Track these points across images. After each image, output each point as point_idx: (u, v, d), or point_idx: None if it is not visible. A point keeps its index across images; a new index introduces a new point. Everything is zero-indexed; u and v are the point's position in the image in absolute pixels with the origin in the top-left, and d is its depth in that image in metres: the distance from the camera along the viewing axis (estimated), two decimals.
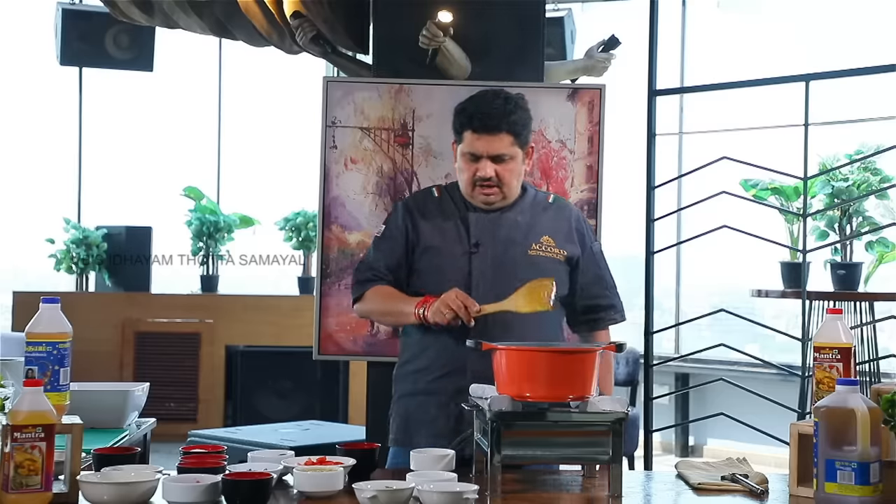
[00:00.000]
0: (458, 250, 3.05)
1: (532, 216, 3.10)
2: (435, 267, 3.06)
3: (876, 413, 2.39)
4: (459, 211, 3.09)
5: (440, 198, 3.15)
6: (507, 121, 2.99)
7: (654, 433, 5.07)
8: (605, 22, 8.32)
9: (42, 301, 2.58)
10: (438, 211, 3.12)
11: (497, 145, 3.00)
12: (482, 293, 2.99)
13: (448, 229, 3.08)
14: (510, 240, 3.06)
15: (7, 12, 9.21)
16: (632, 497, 2.55)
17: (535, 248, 3.06)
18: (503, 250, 3.05)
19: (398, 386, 3.17)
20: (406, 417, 3.11)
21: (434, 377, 3.04)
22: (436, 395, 3.04)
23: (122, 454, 2.61)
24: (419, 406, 3.07)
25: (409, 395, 3.11)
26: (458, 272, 3.03)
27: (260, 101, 9.67)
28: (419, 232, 3.09)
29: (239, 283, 8.94)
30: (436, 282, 3.04)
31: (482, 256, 3.04)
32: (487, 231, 3.06)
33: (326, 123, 4.49)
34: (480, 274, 3.02)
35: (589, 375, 2.58)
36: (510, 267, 3.03)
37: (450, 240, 3.07)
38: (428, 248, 3.08)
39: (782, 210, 5.41)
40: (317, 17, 5.05)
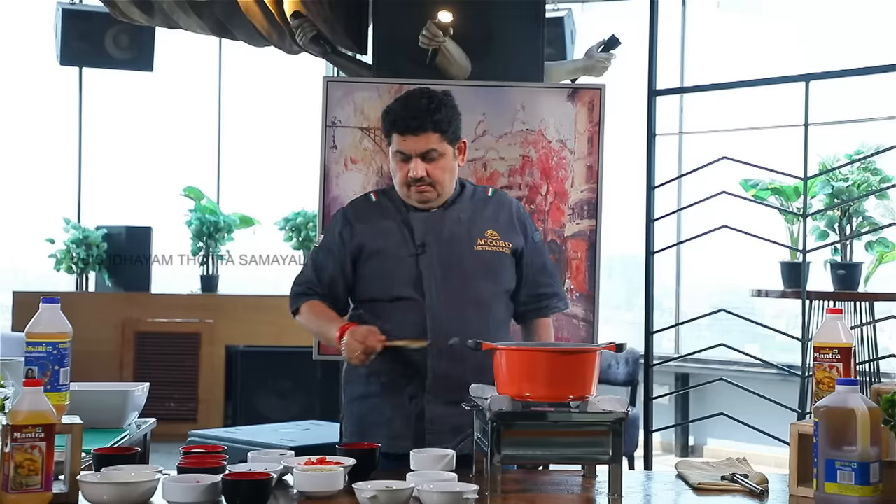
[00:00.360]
0: (404, 252, 3.03)
1: (474, 211, 3.09)
2: (382, 271, 3.05)
3: (876, 413, 2.39)
4: (400, 213, 3.08)
5: (378, 202, 3.13)
6: (432, 119, 2.99)
7: (654, 433, 5.07)
8: (605, 22, 8.32)
9: (42, 301, 2.58)
10: (378, 215, 3.10)
11: (424, 144, 2.99)
12: (434, 294, 2.99)
13: (391, 232, 3.06)
14: (455, 237, 3.05)
15: (7, 12, 9.21)
16: (632, 497, 2.55)
17: (480, 244, 3.05)
18: (449, 249, 3.03)
19: (350, 388, 3.14)
20: (360, 420, 3.09)
21: (389, 378, 3.02)
22: (391, 396, 3.02)
23: (122, 454, 2.61)
24: (373, 408, 3.05)
25: (361, 397, 3.09)
26: (406, 274, 3.02)
27: (260, 101, 9.67)
28: (360, 238, 3.07)
29: (239, 283, 8.94)
30: (385, 286, 3.04)
31: (429, 257, 3.02)
32: (431, 231, 3.05)
33: (326, 123, 4.49)
34: (430, 274, 3.01)
35: (589, 375, 2.58)
36: (458, 265, 3.02)
37: (394, 243, 3.05)
38: (373, 254, 3.06)
39: (782, 210, 5.41)
40: (317, 17, 5.05)
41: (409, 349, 2.92)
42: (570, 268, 4.49)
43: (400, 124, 3.00)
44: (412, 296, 3.00)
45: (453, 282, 3.00)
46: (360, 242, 3.07)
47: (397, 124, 3.01)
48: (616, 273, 8.73)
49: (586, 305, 4.44)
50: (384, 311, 3.04)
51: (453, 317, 2.98)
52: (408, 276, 3.01)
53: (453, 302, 3.00)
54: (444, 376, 2.95)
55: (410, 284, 3.00)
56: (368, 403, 3.07)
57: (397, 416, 3.01)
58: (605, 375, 6.87)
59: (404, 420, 3.00)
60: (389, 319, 3.02)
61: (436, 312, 2.99)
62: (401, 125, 3.00)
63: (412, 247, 3.03)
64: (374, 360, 2.98)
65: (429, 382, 2.97)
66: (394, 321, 3.01)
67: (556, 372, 2.56)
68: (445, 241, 3.04)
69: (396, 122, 3.01)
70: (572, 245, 4.50)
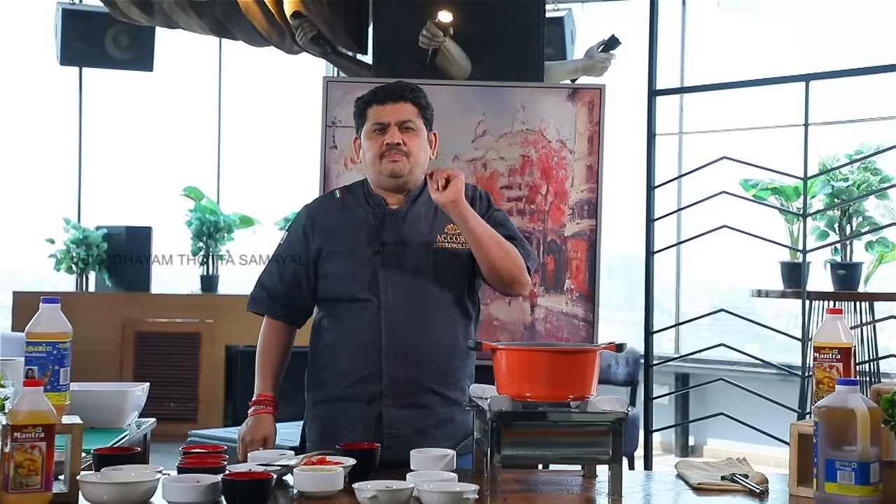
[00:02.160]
0: (363, 252, 3.00)
1: (435, 208, 3.04)
2: (341, 271, 3.02)
3: (876, 413, 2.39)
4: (363, 212, 3.06)
5: (342, 199, 3.11)
6: (411, 94, 3.04)
7: (654, 433, 5.07)
8: (605, 22, 8.33)
9: (42, 301, 2.58)
10: (341, 213, 3.08)
11: (402, 111, 3.01)
12: (390, 295, 2.96)
13: (352, 232, 3.04)
14: (415, 235, 3.02)
15: (7, 12, 9.21)
16: (632, 497, 2.55)
17: (440, 241, 3.02)
18: (408, 248, 3.00)
19: (313, 392, 3.12)
20: (324, 424, 3.06)
21: (351, 382, 2.99)
22: (354, 400, 2.99)
23: (122, 454, 2.61)
24: (337, 412, 3.02)
25: (325, 401, 3.06)
26: (363, 275, 2.98)
27: (260, 101, 9.67)
28: (322, 237, 3.05)
29: (239, 283, 8.93)
30: (343, 287, 3.01)
31: (387, 256, 2.99)
32: (392, 229, 3.02)
33: (326, 123, 4.49)
34: (386, 275, 2.98)
35: (589, 375, 2.58)
36: (416, 265, 2.99)
37: (354, 242, 3.02)
38: (332, 253, 3.03)
39: (782, 210, 5.42)
40: (317, 17, 5.06)
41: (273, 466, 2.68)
42: (570, 268, 4.49)
43: (380, 94, 3.03)
44: (368, 297, 2.97)
45: (410, 283, 2.97)
46: (321, 241, 3.05)
47: (377, 95, 3.03)
48: (616, 273, 8.74)
49: (586, 305, 4.44)
50: (341, 312, 3.02)
51: (410, 318, 2.95)
52: (365, 276, 2.98)
53: (410, 303, 2.97)
54: (400, 380, 2.92)
55: (366, 285, 2.98)
56: (333, 407, 3.04)
57: (358, 419, 2.98)
58: (605, 375, 6.87)
59: (364, 424, 2.97)
60: (346, 320, 3.00)
61: (391, 314, 2.96)
62: (381, 95, 3.03)
63: (371, 246, 3.00)
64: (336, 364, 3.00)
65: (384, 386, 2.95)
66: (350, 322, 2.99)
67: (556, 372, 2.56)
68: (404, 240, 3.01)
69: (377, 94, 3.04)
70: (572, 245, 4.50)
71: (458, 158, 4.48)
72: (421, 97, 3.06)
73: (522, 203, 4.51)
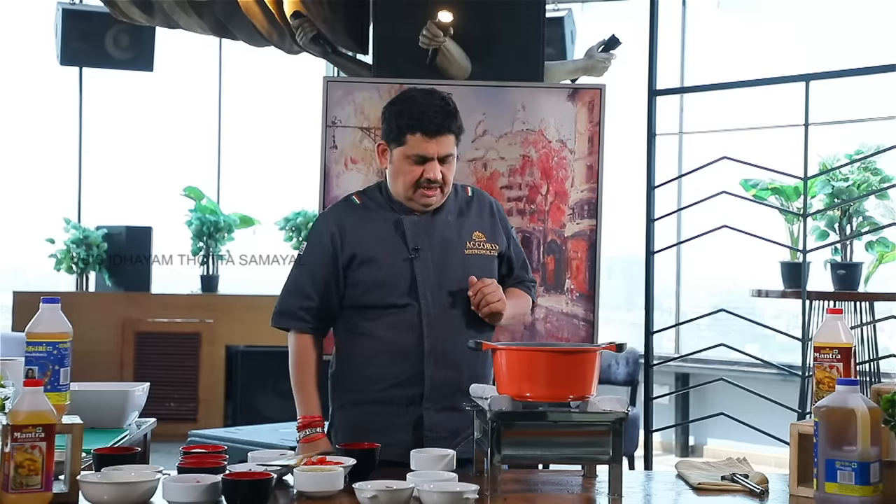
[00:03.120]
0: (399, 258, 2.98)
1: (459, 214, 3.06)
2: (377, 278, 2.99)
3: (876, 413, 2.39)
4: (390, 216, 3.03)
5: (363, 205, 3.07)
6: (455, 122, 2.97)
7: (654, 433, 5.07)
8: (605, 22, 8.32)
9: (42, 301, 2.58)
10: (366, 219, 3.04)
11: (446, 146, 2.96)
12: (430, 299, 2.96)
13: (384, 238, 3.01)
14: (446, 240, 3.02)
15: (7, 12, 9.21)
16: (632, 497, 2.55)
17: (469, 247, 3.03)
18: (442, 253, 3.00)
19: (340, 395, 3.08)
20: (352, 428, 3.02)
21: (387, 385, 2.97)
22: (391, 403, 2.97)
23: (122, 454, 2.61)
24: (368, 415, 2.99)
25: (354, 404, 3.04)
26: (401, 280, 2.97)
27: (260, 101, 9.67)
28: (351, 245, 3.01)
29: (239, 283, 8.94)
30: (379, 293, 2.98)
31: (423, 261, 2.98)
32: (423, 234, 3.01)
33: (326, 123, 4.49)
34: (425, 280, 2.97)
35: (589, 375, 2.58)
36: (450, 269, 2.99)
37: (388, 248, 2.99)
38: (366, 261, 2.99)
39: (782, 210, 5.41)
40: (317, 17, 5.06)
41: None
42: (570, 268, 4.50)
43: (429, 125, 2.93)
44: (408, 301, 2.96)
45: (447, 286, 2.98)
46: (352, 249, 3.00)
47: (425, 124, 2.93)
48: (616, 273, 8.74)
49: (586, 305, 4.45)
50: (377, 317, 2.99)
51: (449, 322, 2.96)
52: (403, 281, 2.97)
53: (448, 306, 2.98)
54: (441, 384, 2.92)
55: (405, 290, 2.97)
56: (361, 410, 3.01)
57: (395, 423, 2.96)
58: (605, 375, 6.87)
59: (402, 427, 2.95)
60: (382, 324, 2.99)
61: (432, 318, 2.96)
62: (430, 127, 2.93)
63: (406, 251, 2.99)
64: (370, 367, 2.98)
65: (427, 390, 2.95)
66: (387, 326, 2.98)
67: (556, 372, 2.56)
68: (437, 244, 3.01)
69: (424, 122, 2.93)
70: (572, 245, 4.50)
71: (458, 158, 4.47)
72: (459, 122, 3.00)
73: (522, 203, 4.51)
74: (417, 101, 2.96)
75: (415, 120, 2.94)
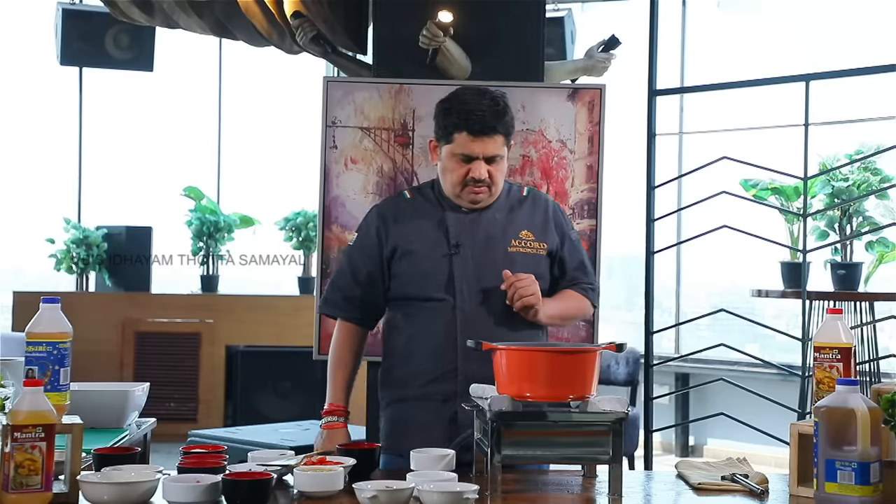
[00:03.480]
0: (438, 253, 3.01)
1: (509, 212, 3.07)
2: (416, 272, 3.02)
3: (876, 413, 2.39)
4: (436, 212, 3.06)
5: (413, 199, 3.11)
6: (502, 122, 2.97)
7: (654, 433, 5.07)
8: (605, 22, 8.33)
9: (42, 301, 2.58)
10: (413, 214, 3.08)
11: (492, 147, 2.97)
12: (466, 295, 2.98)
13: (426, 232, 3.04)
14: (490, 238, 3.03)
15: (7, 12, 9.21)
16: (632, 497, 2.55)
17: (514, 245, 3.03)
18: (483, 250, 3.01)
19: (386, 392, 3.12)
20: (395, 424, 3.07)
21: (424, 381, 3.00)
22: (427, 400, 2.99)
23: (122, 454, 2.61)
24: (410, 412, 3.03)
25: (398, 401, 3.07)
26: (439, 275, 2.99)
27: (260, 101, 9.67)
28: (394, 237, 3.05)
29: (239, 283, 8.94)
30: (417, 286, 3.02)
31: (463, 257, 3.00)
32: (467, 231, 3.03)
33: (326, 123, 4.49)
34: (462, 275, 2.99)
35: (589, 375, 2.58)
36: (491, 266, 2.99)
37: (429, 243, 3.02)
38: (406, 253, 3.03)
39: (782, 210, 5.42)
40: (317, 17, 5.05)
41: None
42: None
43: (474, 125, 2.94)
44: (444, 296, 2.98)
45: (486, 283, 2.98)
46: (394, 242, 3.04)
47: (470, 124, 2.94)
48: (616, 273, 8.73)
49: None
50: (415, 311, 3.03)
51: (484, 318, 2.96)
52: (441, 276, 2.99)
53: (485, 303, 2.98)
54: (475, 379, 2.90)
55: (443, 285, 2.99)
56: (405, 407, 3.04)
57: (433, 419, 2.98)
58: (605, 375, 6.87)
59: (440, 423, 2.97)
60: (421, 319, 3.02)
61: (467, 314, 2.97)
62: (475, 126, 2.94)
63: (446, 247, 3.01)
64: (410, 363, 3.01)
65: (459, 385, 2.95)
66: (425, 321, 3.01)
67: (556, 372, 2.56)
68: (480, 241, 3.02)
69: (469, 122, 2.94)
70: None
71: None
72: (509, 122, 2.99)
73: None
74: (466, 101, 2.98)
75: (462, 119, 2.96)
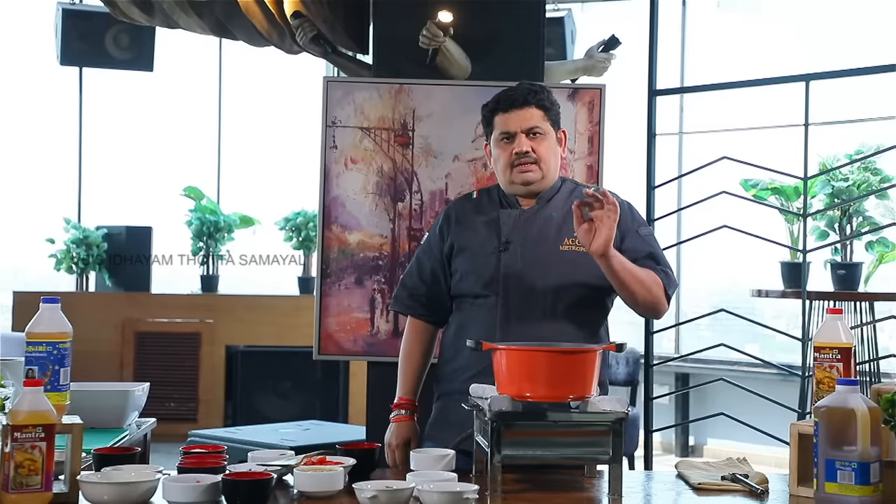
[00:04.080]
0: (488, 249, 3.03)
1: (568, 211, 3.00)
2: (467, 268, 3.05)
3: (876, 413, 2.39)
4: (495, 211, 3.08)
5: (478, 199, 3.15)
6: (535, 97, 3.02)
7: (654, 433, 5.07)
8: (605, 22, 8.33)
9: (42, 301, 2.58)
10: (474, 212, 3.12)
11: (528, 118, 3.00)
12: (510, 292, 2.97)
13: (480, 229, 3.07)
14: (542, 236, 3.01)
15: (7, 12, 9.21)
16: (632, 497, 2.55)
17: (567, 244, 3.00)
18: (534, 247, 3.00)
19: (438, 385, 3.16)
20: (440, 416, 3.10)
21: (468, 376, 2.98)
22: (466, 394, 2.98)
23: (122, 454, 2.61)
24: (451, 406, 3.03)
25: (447, 393, 3.09)
26: (486, 272, 3.00)
27: (260, 101, 9.67)
28: (454, 236, 3.10)
29: (239, 283, 8.94)
30: (468, 283, 3.04)
31: (511, 255, 3.00)
32: (519, 229, 3.03)
33: (326, 123, 4.49)
34: (508, 272, 2.98)
35: (589, 375, 2.57)
36: (540, 264, 2.98)
37: (480, 239, 3.05)
38: (461, 250, 3.07)
39: (782, 210, 5.42)
40: (317, 17, 5.05)
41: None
42: None
43: (504, 102, 3.02)
44: (489, 293, 3.00)
45: (533, 280, 2.97)
46: (453, 240, 3.09)
47: (501, 103, 3.03)
48: None
49: None
50: (465, 307, 3.07)
51: (526, 315, 2.95)
52: (487, 272, 3.01)
53: (528, 301, 2.96)
54: None
55: (488, 281, 3.00)
56: (449, 400, 3.06)
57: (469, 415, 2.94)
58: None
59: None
60: (468, 315, 3.04)
61: (509, 310, 2.96)
62: (505, 103, 3.02)
63: (496, 243, 3.02)
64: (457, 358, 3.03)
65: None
66: (470, 317, 3.03)
67: (556, 372, 2.56)
68: (532, 239, 3.01)
69: (500, 102, 3.03)
70: None
71: (458, 158, 4.48)
72: (545, 99, 3.04)
73: None
74: (501, 91, 3.09)
75: (495, 102, 3.06)
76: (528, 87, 3.06)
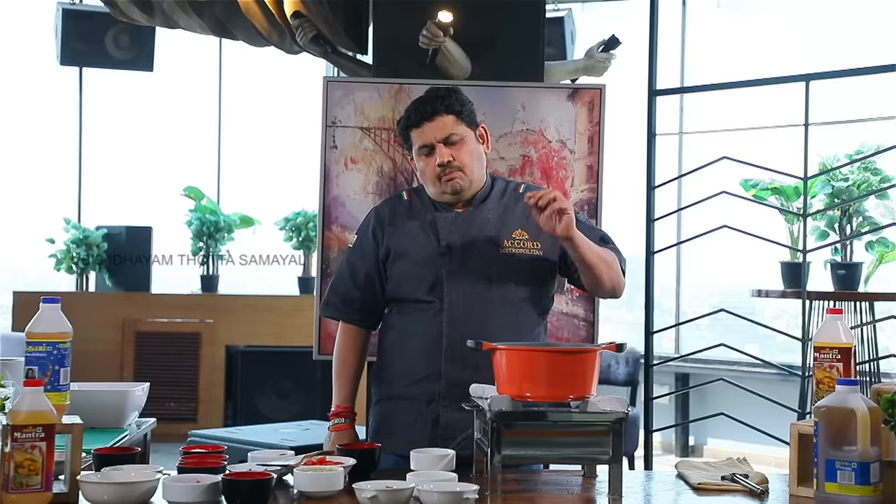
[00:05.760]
0: (428, 254, 3.00)
1: (504, 210, 3.04)
2: (407, 273, 3.02)
3: (876, 413, 2.39)
4: (429, 213, 3.05)
5: (409, 201, 3.11)
6: (443, 103, 2.99)
7: (654, 433, 5.07)
8: (605, 22, 8.33)
9: (42, 301, 2.58)
10: (408, 215, 3.08)
11: (441, 127, 2.98)
12: (454, 297, 2.96)
13: (417, 233, 3.04)
14: (481, 237, 3.01)
15: (7, 12, 9.21)
16: (632, 497, 2.55)
17: (506, 246, 3.00)
18: (474, 251, 2.99)
19: (375, 389, 3.13)
20: (380, 421, 3.07)
21: (410, 381, 3.00)
22: (412, 399, 2.99)
23: (122, 454, 2.61)
24: (395, 410, 3.03)
25: (386, 398, 3.08)
26: (428, 277, 2.99)
27: (260, 101, 9.67)
28: (389, 239, 3.06)
29: (239, 283, 8.94)
30: (408, 288, 3.02)
31: (452, 258, 2.99)
32: (457, 232, 3.01)
33: (326, 123, 4.49)
34: (451, 278, 2.97)
35: (589, 375, 2.57)
36: (482, 267, 2.98)
37: (419, 244, 3.02)
38: (399, 255, 3.04)
39: (782, 210, 5.42)
40: (317, 17, 5.06)
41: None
42: None
43: (415, 116, 3.00)
44: (432, 298, 2.98)
45: (475, 285, 2.97)
46: (388, 243, 3.05)
47: (412, 118, 3.01)
48: None
49: (586, 305, 4.44)
50: (406, 312, 3.04)
51: (472, 321, 2.94)
52: (429, 278, 2.98)
53: (473, 306, 2.96)
54: (458, 383, 2.89)
55: (431, 287, 2.98)
56: (391, 405, 3.05)
57: (416, 419, 2.99)
58: (605, 375, 6.87)
59: (422, 424, 2.98)
60: (409, 320, 3.02)
61: (454, 316, 2.96)
62: (416, 117, 3.00)
63: (436, 248, 3.00)
64: (397, 363, 3.02)
65: (443, 388, 2.95)
66: (413, 322, 3.01)
67: (556, 372, 2.56)
68: (470, 242, 3.00)
69: (411, 117, 3.01)
70: None
71: None
72: (454, 102, 3.01)
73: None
74: (411, 103, 3.07)
75: (406, 118, 3.03)
76: (433, 94, 3.03)
